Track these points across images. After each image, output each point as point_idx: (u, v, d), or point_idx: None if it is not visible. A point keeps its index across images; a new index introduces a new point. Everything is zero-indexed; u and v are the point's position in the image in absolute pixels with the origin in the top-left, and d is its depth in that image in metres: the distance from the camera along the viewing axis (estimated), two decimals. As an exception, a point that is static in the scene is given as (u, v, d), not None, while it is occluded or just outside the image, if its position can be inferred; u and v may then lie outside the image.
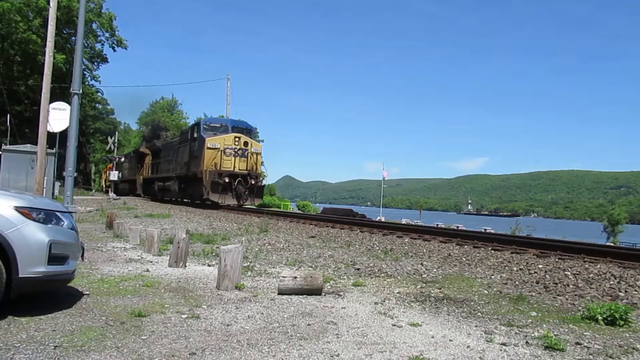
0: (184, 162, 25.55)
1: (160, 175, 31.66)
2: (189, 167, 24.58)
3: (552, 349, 3.43)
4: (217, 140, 22.66)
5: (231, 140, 22.78)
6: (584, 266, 6.70)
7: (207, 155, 22.28)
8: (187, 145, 25.32)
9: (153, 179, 33.98)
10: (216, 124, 24.16)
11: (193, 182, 24.34)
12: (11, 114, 28.65)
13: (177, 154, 27.67)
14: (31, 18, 37.90)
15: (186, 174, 25.07)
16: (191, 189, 25.17)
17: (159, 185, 31.72)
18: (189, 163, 24.69)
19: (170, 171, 28.94)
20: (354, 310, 4.46)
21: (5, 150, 20.53)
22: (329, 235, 10.85)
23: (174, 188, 27.97)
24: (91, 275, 5.77)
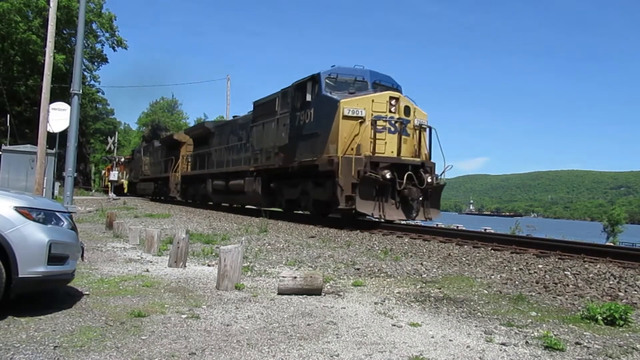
0: (278, 146, 15.49)
1: (218, 171, 21.17)
2: (291, 154, 14.54)
3: (551, 349, 3.43)
4: (360, 104, 12.40)
5: (384, 104, 12.44)
6: (584, 266, 6.70)
7: (344, 130, 12.27)
8: (283, 118, 15.32)
9: (201, 177, 23.77)
10: (347, 77, 13.62)
11: (303, 181, 14.41)
12: (11, 114, 28.65)
13: (258, 134, 17.26)
14: (31, 18, 37.92)
15: (286, 164, 14.80)
16: (300, 191, 14.75)
17: (217, 185, 21.09)
18: (291, 147, 14.65)
19: (239, 163, 18.97)
20: (353, 310, 4.46)
21: (5, 151, 20.54)
22: (329, 235, 10.85)
23: (251, 189, 17.26)
24: (91, 275, 5.77)
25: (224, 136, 21.81)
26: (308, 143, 13.72)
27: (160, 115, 77.91)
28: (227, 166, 20.47)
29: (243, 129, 19.44)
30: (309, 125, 13.76)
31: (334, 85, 13.52)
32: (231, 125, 21.63)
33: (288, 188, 15.71)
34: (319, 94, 13.46)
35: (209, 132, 23.81)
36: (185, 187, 27.04)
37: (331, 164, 12.27)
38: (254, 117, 18.04)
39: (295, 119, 14.64)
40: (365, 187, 11.60)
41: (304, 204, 15.08)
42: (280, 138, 15.50)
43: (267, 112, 16.74)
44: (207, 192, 22.85)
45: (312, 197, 14.20)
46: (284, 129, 15.29)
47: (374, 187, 11.66)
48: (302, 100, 14.16)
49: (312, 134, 13.54)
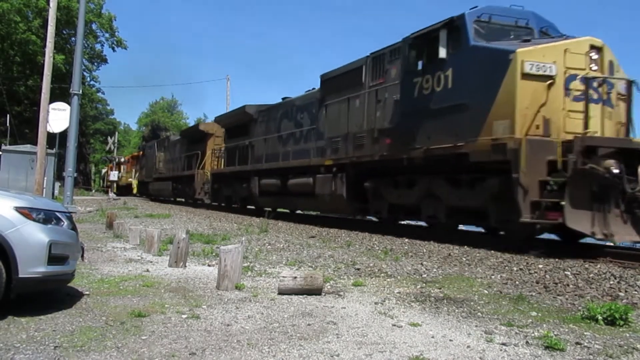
0: (378, 130, 11.21)
1: (269, 166, 16.51)
2: (405, 139, 10.33)
3: (552, 349, 3.42)
4: (547, 55, 8.27)
5: (583, 57, 8.39)
6: (584, 266, 6.69)
7: (523, 97, 8.14)
8: (381, 90, 11.19)
9: (240, 175, 18.94)
10: (503, 21, 9.63)
11: (429, 179, 10.26)
12: (11, 115, 28.67)
13: (334, 116, 13.06)
14: (31, 18, 37.96)
15: (395, 155, 10.64)
16: (421, 193, 10.48)
17: (267, 185, 16.45)
18: (404, 129, 10.38)
19: (303, 155, 14.46)
20: (354, 310, 4.46)
21: (5, 151, 20.55)
22: (329, 235, 10.85)
23: (328, 190, 12.77)
24: (91, 276, 5.77)
25: (273, 122, 16.91)
26: (442, 121, 9.31)
27: (160, 116, 77.91)
28: (283, 160, 15.63)
29: (304, 112, 14.94)
30: (442, 94, 9.36)
31: (485, 33, 9.25)
32: (283, 108, 16.52)
33: (397, 189, 11.02)
34: (465, 46, 9.14)
35: (249, 118, 18.70)
36: (217, 188, 21.89)
37: (502, 152, 8.10)
38: (323, 95, 13.59)
39: (410, 89, 10.15)
40: (580, 189, 7.45)
41: (428, 212, 10.35)
42: (377, 118, 11.10)
43: (347, 87, 12.39)
44: (252, 194, 17.89)
45: (445, 204, 9.77)
46: (381, 105, 11.05)
47: (590, 188, 7.53)
48: (427, 58, 9.87)
49: (452, 107, 9.09)
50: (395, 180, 11.24)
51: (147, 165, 35.48)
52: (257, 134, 18.19)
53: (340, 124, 12.74)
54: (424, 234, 10.71)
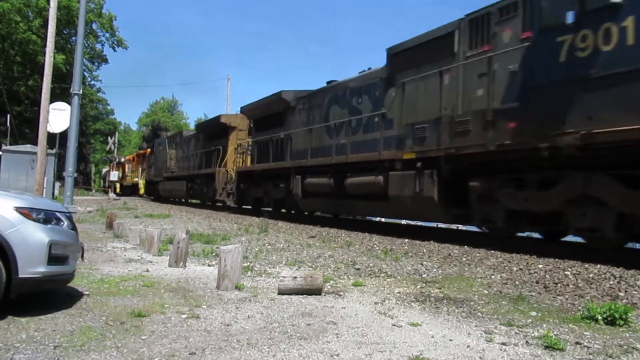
0: (495, 110, 8.40)
1: (316, 162, 13.76)
2: (550, 119, 7.47)
3: (552, 349, 3.43)
4: None
5: None
6: (584, 266, 6.69)
7: None
8: (485, 62, 8.71)
9: (275, 172, 16.27)
10: None
11: (585, 178, 7.36)
12: (11, 114, 28.67)
13: (412, 96, 10.53)
14: (31, 18, 37.97)
15: (524, 144, 7.86)
16: (569, 198, 7.58)
17: (314, 184, 13.83)
18: (541, 106, 7.65)
19: (367, 148, 11.81)
20: (353, 310, 4.46)
21: (5, 151, 20.56)
22: (329, 235, 10.85)
23: (410, 191, 10.16)
24: (91, 276, 5.78)
25: (318, 110, 14.07)
26: (614, 94, 6.78)
27: (161, 116, 77.94)
28: (338, 154, 12.72)
29: (362, 95, 12.19)
30: (615, 55, 6.77)
31: None
32: (332, 93, 13.65)
33: (522, 190, 8.32)
34: None
35: (285, 106, 15.99)
36: (244, 188, 18.90)
37: None
38: (392, 72, 11.09)
39: (550, 52, 7.55)
40: None
41: (581, 222, 7.56)
42: (485, 96, 8.59)
43: (430, 60, 9.98)
44: (290, 196, 15.12)
45: (614, 211, 7.12)
46: (487, 80, 8.58)
47: None
48: (583, 6, 7.18)
49: (633, 72, 6.54)
50: (519, 178, 8.43)
51: (157, 163, 32.27)
52: (296, 125, 15.24)
53: (425, 106, 10.00)
54: (424, 234, 10.73)
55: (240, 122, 21.21)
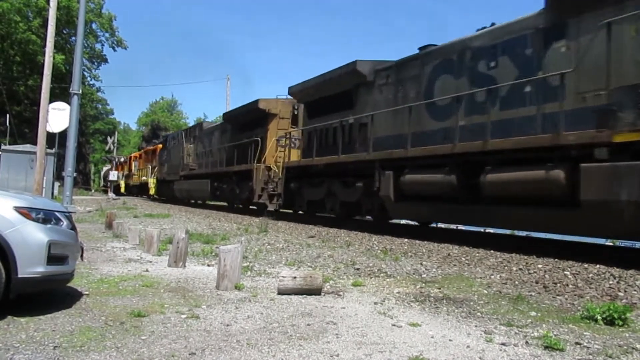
0: None
1: (433, 151, 9.87)
2: None
3: (551, 349, 3.42)
4: None
5: None
6: (583, 266, 6.69)
7: None
8: None
9: (340, 168, 13.04)
10: None
11: None
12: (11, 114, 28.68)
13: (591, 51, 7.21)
14: (31, 18, 37.97)
15: None
16: None
17: (422, 182, 10.04)
18: None
19: (503, 130, 8.49)
20: (353, 310, 4.46)
21: (5, 151, 20.56)
22: (329, 235, 10.85)
23: None
24: (90, 275, 5.77)
25: (412, 83, 10.86)
26: None
27: (160, 115, 77.95)
28: (463, 139, 9.23)
29: (500, 56, 8.95)
30: None
31: None
32: (436, 59, 10.43)
33: None
34: None
35: (359, 81, 12.56)
36: (295, 188, 15.24)
37: None
38: (558, 18, 7.93)
39: None
40: None
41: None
42: None
43: None
44: (380, 198, 11.35)
45: None
46: None
47: None
48: None
49: None
50: None
51: (171, 160, 28.68)
52: (376, 104, 11.86)
53: None
54: (423, 234, 10.71)
55: (282, 108, 17.61)
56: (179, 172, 26.45)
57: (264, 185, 16.87)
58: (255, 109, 18.32)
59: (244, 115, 19.99)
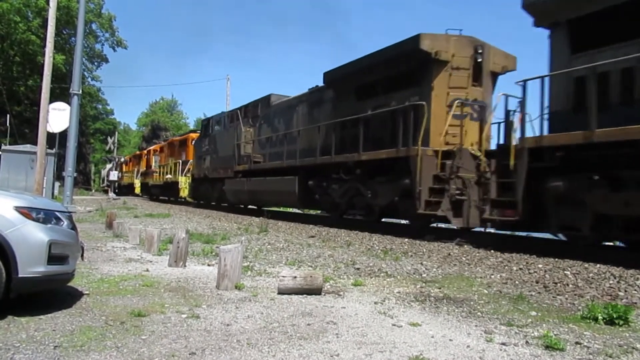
0: None
1: None
2: None
3: (552, 349, 3.42)
4: None
5: None
6: (584, 265, 6.70)
7: None
8: None
9: None
10: None
11: None
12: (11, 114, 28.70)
13: None
14: (31, 18, 37.98)
15: None
16: None
17: None
18: None
19: None
20: (353, 310, 4.46)
21: (5, 151, 20.58)
22: (329, 235, 10.85)
23: None
24: (91, 275, 5.77)
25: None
26: None
27: (160, 116, 77.94)
28: None
29: None
30: None
31: None
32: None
33: None
34: None
35: None
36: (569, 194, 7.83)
37: None
38: None
39: None
40: None
41: None
42: None
43: None
44: None
45: None
46: None
47: None
48: None
49: None
50: None
51: (217, 151, 21.84)
52: None
53: None
54: (424, 234, 10.69)
55: (457, 50, 10.60)
56: (233, 166, 19.32)
57: (435, 184, 10.14)
58: (407, 52, 10.95)
59: (378, 68, 11.93)
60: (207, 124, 24.07)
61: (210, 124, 23.49)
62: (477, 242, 9.07)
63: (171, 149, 32.05)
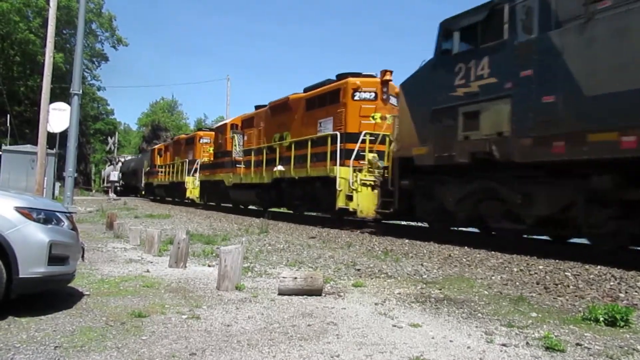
0: None
1: None
2: None
3: (552, 350, 3.42)
4: None
5: None
6: (584, 267, 6.69)
7: None
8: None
9: None
10: None
11: None
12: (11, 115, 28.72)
13: None
14: (31, 18, 38.01)
15: None
16: None
17: None
18: None
19: None
20: (354, 311, 4.46)
21: (6, 151, 20.58)
22: (329, 236, 10.84)
23: None
24: (91, 276, 5.77)
25: None
26: None
27: (160, 116, 77.93)
28: None
29: None
30: None
31: None
32: None
33: None
34: None
35: None
36: None
37: None
38: None
39: None
40: None
41: None
42: None
43: None
44: None
45: None
46: None
47: None
48: None
49: None
50: None
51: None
52: None
53: None
54: (424, 234, 10.71)
55: None
56: None
57: None
58: None
59: None
60: None
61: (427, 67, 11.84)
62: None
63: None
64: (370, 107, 13.38)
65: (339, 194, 12.63)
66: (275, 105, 17.61)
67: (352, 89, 13.49)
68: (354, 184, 12.46)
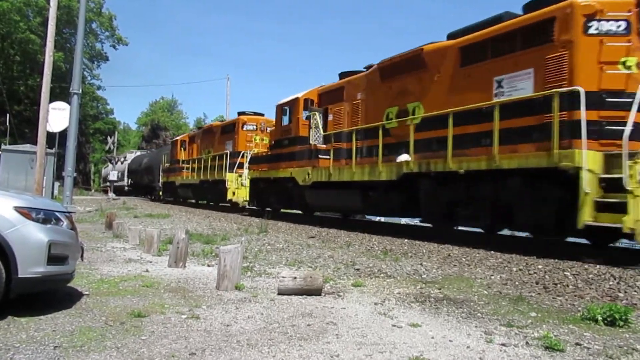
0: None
1: None
2: None
3: (552, 350, 3.43)
4: None
5: None
6: (584, 266, 6.69)
7: None
8: None
9: None
10: None
11: None
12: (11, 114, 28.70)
13: None
14: (31, 18, 37.99)
15: None
16: None
17: None
18: None
19: None
20: (353, 311, 4.46)
21: (5, 150, 20.57)
22: (329, 236, 10.84)
23: None
24: (91, 276, 5.77)
25: None
26: None
27: (160, 115, 77.89)
28: None
29: None
30: None
31: None
32: None
33: None
34: None
35: None
36: None
37: None
38: None
39: None
40: None
41: None
42: None
43: None
44: None
45: None
46: None
47: None
48: None
49: None
50: None
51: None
52: None
53: None
54: (424, 234, 10.72)
55: None
56: None
57: None
58: None
59: None
60: None
61: None
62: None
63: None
64: (620, 47, 7.59)
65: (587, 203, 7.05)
66: (392, 64, 11.68)
67: (585, 16, 7.70)
68: None
